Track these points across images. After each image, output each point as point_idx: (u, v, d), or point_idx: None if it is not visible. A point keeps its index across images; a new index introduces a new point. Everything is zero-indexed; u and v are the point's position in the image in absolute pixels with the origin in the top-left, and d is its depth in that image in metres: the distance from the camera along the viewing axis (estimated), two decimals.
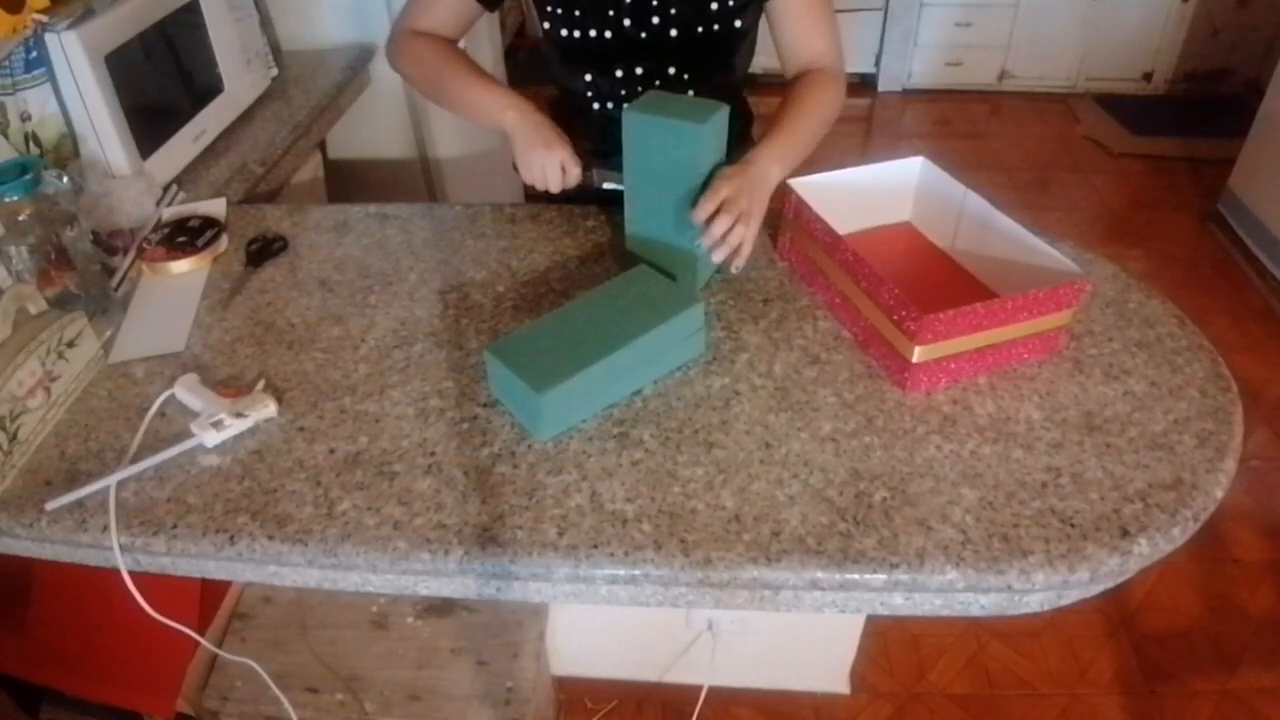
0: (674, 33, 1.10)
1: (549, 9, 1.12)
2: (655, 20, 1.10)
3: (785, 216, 1.09)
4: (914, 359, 0.88)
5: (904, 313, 0.87)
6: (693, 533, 0.77)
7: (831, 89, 1.11)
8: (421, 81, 1.16)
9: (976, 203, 1.05)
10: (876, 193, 1.13)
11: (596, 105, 1.20)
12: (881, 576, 0.74)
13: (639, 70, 1.15)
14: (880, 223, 1.16)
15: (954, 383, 0.92)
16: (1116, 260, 1.10)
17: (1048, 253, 0.95)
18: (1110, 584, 0.77)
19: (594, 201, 1.23)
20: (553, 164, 1.05)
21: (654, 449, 0.86)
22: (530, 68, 1.28)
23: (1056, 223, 2.97)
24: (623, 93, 1.17)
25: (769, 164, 1.02)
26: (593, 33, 1.12)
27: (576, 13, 1.11)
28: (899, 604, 0.77)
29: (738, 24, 1.11)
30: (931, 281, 1.07)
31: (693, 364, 0.95)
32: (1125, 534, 0.75)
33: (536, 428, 0.87)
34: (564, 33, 1.13)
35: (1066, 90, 3.77)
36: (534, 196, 1.19)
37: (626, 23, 1.10)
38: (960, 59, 3.75)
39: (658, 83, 1.16)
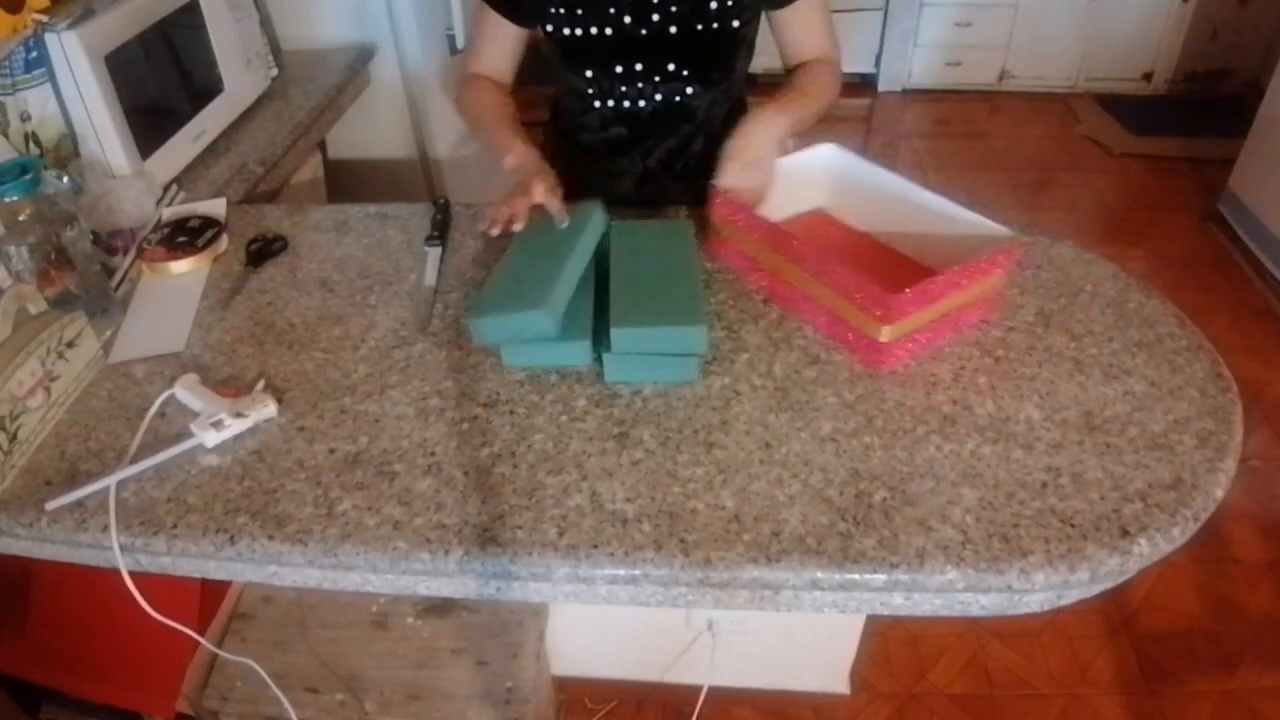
0: (673, 30, 1.12)
1: (551, 9, 1.13)
2: (655, 17, 1.11)
3: (715, 216, 1.09)
4: (883, 339, 0.90)
5: (870, 296, 0.89)
6: (693, 533, 0.77)
7: (833, 77, 1.18)
8: (468, 126, 1.24)
9: (895, 182, 1.07)
10: (787, 183, 1.13)
11: (598, 103, 1.21)
12: (881, 576, 0.74)
13: (638, 66, 1.16)
14: (792, 212, 1.17)
15: (917, 354, 0.95)
16: (1116, 260, 1.10)
17: (976, 220, 0.99)
18: (1110, 584, 0.77)
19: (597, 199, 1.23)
20: (520, 206, 1.05)
21: (654, 449, 0.86)
22: (530, 68, 1.29)
23: (1056, 223, 2.97)
24: (623, 89, 1.19)
25: (774, 115, 1.08)
26: (594, 30, 1.13)
27: (578, 11, 1.12)
28: (899, 604, 0.77)
29: (736, 24, 1.12)
30: (867, 262, 1.08)
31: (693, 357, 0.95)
32: (1125, 534, 0.75)
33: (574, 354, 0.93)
34: (566, 31, 1.14)
35: (1066, 90, 3.77)
36: None
37: (627, 20, 1.12)
38: (960, 59, 3.75)
39: (657, 79, 1.17)
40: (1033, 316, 1.01)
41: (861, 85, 3.89)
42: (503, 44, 1.22)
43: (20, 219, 1.01)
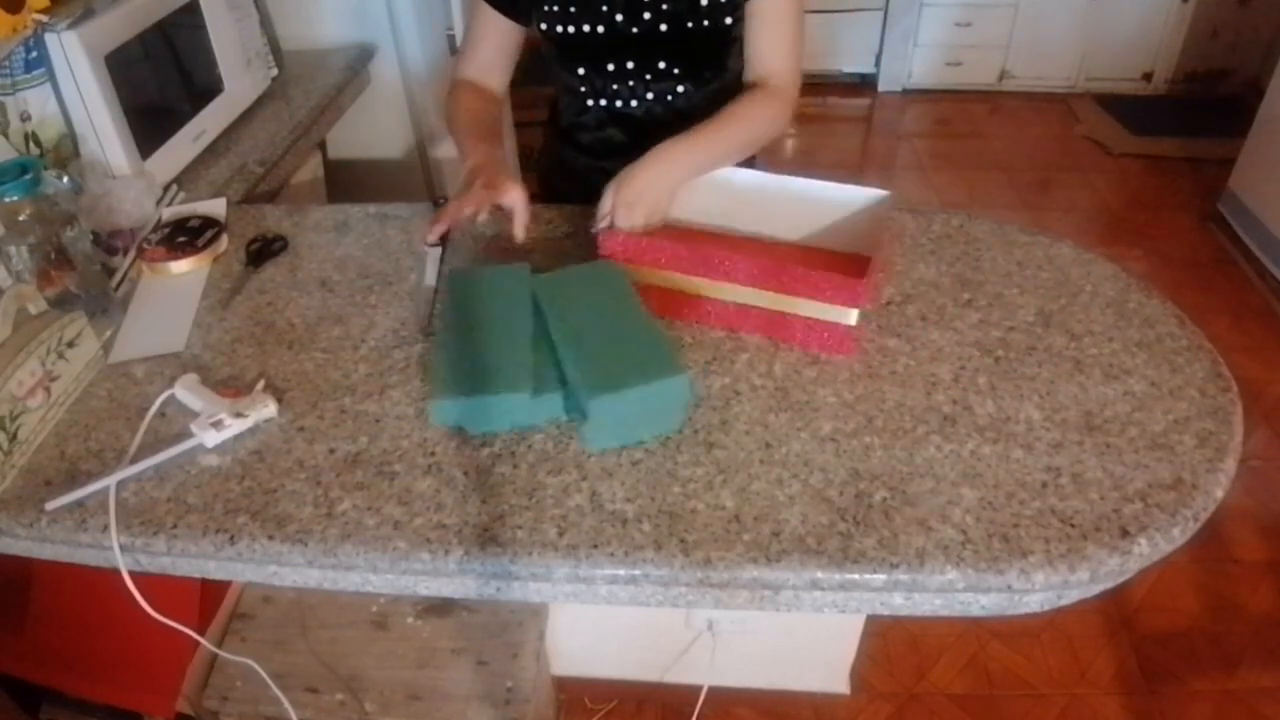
0: (664, 28, 1.12)
1: (545, 7, 1.14)
2: (646, 15, 1.11)
3: (617, 259, 1.01)
4: (854, 322, 0.93)
5: (837, 285, 0.91)
6: (693, 533, 0.77)
7: (773, 107, 1.14)
8: (450, 135, 1.20)
9: (747, 176, 1.08)
10: None
11: (591, 101, 1.22)
12: (881, 576, 0.74)
13: (630, 64, 1.16)
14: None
15: (866, 329, 0.98)
16: (1116, 260, 1.10)
17: (842, 190, 1.04)
18: (1110, 584, 0.77)
19: (595, 199, 1.23)
20: (483, 200, 1.03)
21: (654, 449, 0.86)
22: (530, 68, 1.29)
23: (1056, 223, 2.97)
24: (614, 87, 1.19)
25: (676, 160, 1.05)
26: (586, 28, 1.13)
27: (571, 9, 1.12)
28: (899, 604, 0.77)
29: (728, 21, 1.12)
30: (761, 256, 1.00)
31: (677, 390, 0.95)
32: (1125, 534, 0.75)
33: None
34: (559, 29, 1.15)
35: (1066, 90, 3.77)
36: None
37: (618, 18, 1.12)
38: (960, 59, 3.75)
39: (648, 77, 1.17)
40: (1033, 316, 1.01)
41: (861, 85, 3.89)
42: (497, 43, 1.20)
43: (20, 219, 1.01)
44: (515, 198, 1.04)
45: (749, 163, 1.35)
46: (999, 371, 0.93)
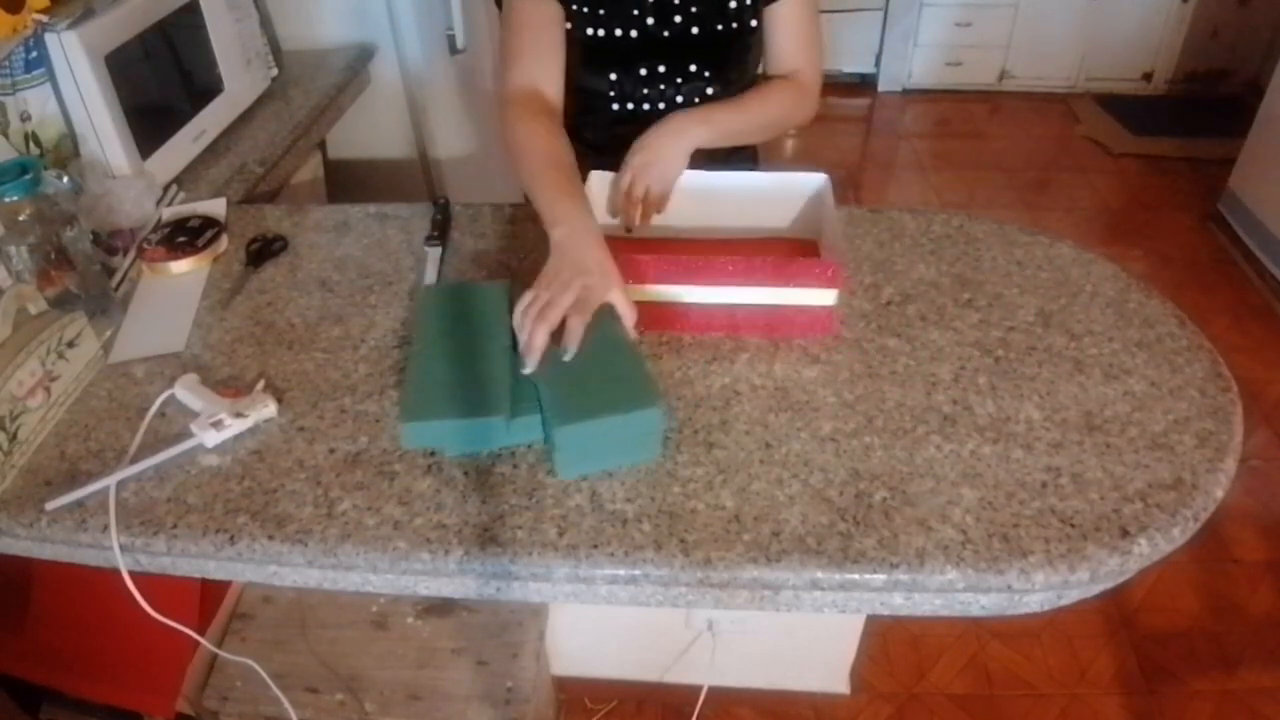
0: (695, 30, 1.13)
1: (573, 8, 1.12)
2: (677, 19, 1.12)
3: None
4: (834, 302, 0.96)
5: (814, 269, 0.94)
6: (693, 533, 0.77)
7: (796, 96, 1.18)
8: (516, 172, 1.05)
9: (689, 178, 1.08)
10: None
11: (617, 106, 1.20)
12: (881, 576, 0.74)
13: (661, 68, 1.16)
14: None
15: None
16: (1116, 260, 1.10)
17: (779, 179, 1.07)
18: (1110, 584, 0.77)
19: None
20: (567, 296, 0.85)
21: None
22: None
23: (1056, 223, 2.97)
24: (645, 91, 1.18)
25: (691, 125, 1.09)
26: (618, 32, 1.13)
27: (601, 12, 1.12)
28: (899, 604, 0.77)
29: (753, 23, 1.13)
30: (728, 254, 0.97)
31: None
32: (1125, 534, 0.75)
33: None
34: (589, 32, 1.14)
35: (1066, 90, 3.77)
36: None
37: (650, 21, 1.12)
38: (960, 59, 3.75)
39: (679, 80, 1.17)
40: (1033, 316, 1.01)
41: (861, 85, 3.89)
42: (539, 36, 1.10)
43: (20, 219, 1.01)
44: (611, 305, 0.88)
45: (753, 165, 1.36)
46: (999, 371, 0.93)
